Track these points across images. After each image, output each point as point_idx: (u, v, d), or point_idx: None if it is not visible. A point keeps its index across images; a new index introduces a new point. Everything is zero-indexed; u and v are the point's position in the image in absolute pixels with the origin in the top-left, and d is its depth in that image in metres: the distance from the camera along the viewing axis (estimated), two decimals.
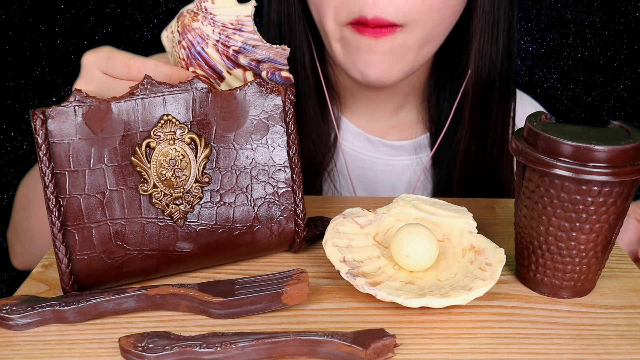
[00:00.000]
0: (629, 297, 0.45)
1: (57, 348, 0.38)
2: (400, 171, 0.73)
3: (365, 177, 0.73)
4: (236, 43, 0.46)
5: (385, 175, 0.73)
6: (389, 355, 0.38)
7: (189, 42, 0.46)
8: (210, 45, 0.46)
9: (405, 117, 0.73)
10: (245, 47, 0.46)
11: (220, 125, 0.45)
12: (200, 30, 0.46)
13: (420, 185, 0.73)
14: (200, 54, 0.46)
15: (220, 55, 0.46)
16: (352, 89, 0.71)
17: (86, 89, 0.46)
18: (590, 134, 0.42)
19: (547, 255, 0.44)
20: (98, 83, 0.47)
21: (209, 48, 0.46)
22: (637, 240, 0.61)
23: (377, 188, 0.74)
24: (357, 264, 0.45)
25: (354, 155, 0.73)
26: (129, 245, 0.43)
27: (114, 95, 0.44)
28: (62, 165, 0.41)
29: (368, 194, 0.74)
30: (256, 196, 0.47)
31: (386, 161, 0.73)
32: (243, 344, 0.37)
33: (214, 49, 0.46)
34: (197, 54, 0.46)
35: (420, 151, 0.73)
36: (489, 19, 0.64)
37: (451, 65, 0.70)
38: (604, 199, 0.41)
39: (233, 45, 0.46)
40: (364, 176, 0.73)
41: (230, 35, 0.46)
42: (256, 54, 0.46)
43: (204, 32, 0.46)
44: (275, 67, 0.46)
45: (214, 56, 0.46)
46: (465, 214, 0.49)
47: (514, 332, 0.41)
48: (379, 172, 0.73)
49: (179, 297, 0.42)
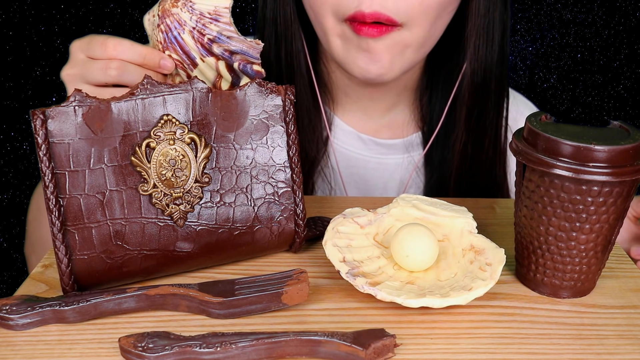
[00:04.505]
0: (629, 297, 0.45)
1: (57, 348, 0.38)
2: (392, 169, 0.74)
3: (357, 175, 0.74)
4: (211, 32, 0.47)
5: (377, 173, 0.74)
6: (389, 355, 0.38)
7: (167, 26, 0.47)
8: (186, 31, 0.47)
9: (397, 116, 0.74)
10: (220, 37, 0.47)
11: (220, 125, 0.45)
12: (178, 16, 0.47)
13: (412, 183, 0.74)
14: (176, 38, 0.47)
15: (195, 42, 0.47)
16: (345, 87, 0.72)
17: (71, 73, 0.49)
18: (590, 134, 0.42)
19: (547, 255, 0.44)
20: (80, 65, 0.49)
21: (185, 34, 0.47)
22: (629, 238, 0.62)
23: (369, 186, 0.74)
24: (357, 264, 0.45)
25: (345, 154, 0.74)
26: (129, 245, 0.43)
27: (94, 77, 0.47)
28: (62, 165, 0.41)
29: (360, 192, 0.74)
30: (256, 196, 0.47)
31: (378, 159, 0.74)
32: (243, 344, 0.37)
33: (190, 35, 0.47)
34: (173, 38, 0.47)
35: (412, 150, 0.74)
36: (484, 22, 0.64)
37: (443, 65, 0.71)
38: (604, 199, 0.41)
39: (208, 34, 0.47)
40: (356, 174, 0.74)
41: (207, 24, 0.47)
42: (230, 44, 0.47)
43: (182, 18, 0.47)
44: (248, 59, 0.47)
45: (189, 42, 0.47)
46: (465, 214, 0.49)
47: (514, 332, 0.41)
48: (371, 171, 0.74)
49: (179, 297, 0.42)
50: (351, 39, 0.60)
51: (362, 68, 0.61)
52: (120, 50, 0.47)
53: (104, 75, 0.47)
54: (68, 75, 0.50)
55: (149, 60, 0.47)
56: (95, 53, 0.48)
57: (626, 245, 0.60)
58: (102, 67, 0.47)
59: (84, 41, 0.49)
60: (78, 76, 0.49)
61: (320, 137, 0.72)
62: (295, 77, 0.68)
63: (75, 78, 0.49)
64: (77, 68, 0.49)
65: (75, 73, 0.49)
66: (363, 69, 0.61)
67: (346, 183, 0.73)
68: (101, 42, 0.48)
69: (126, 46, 0.47)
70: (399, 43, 0.60)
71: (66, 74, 0.50)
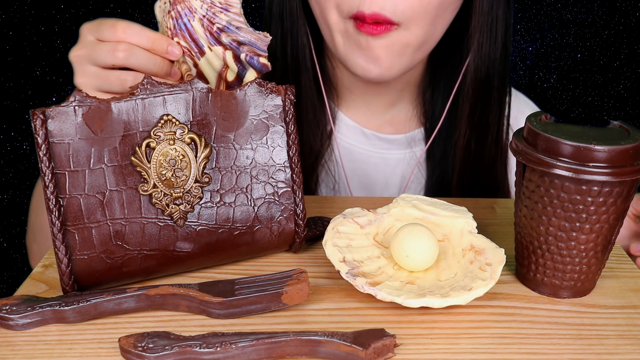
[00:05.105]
0: (629, 297, 0.45)
1: (57, 348, 0.38)
2: (394, 164, 0.75)
3: (360, 170, 0.75)
4: (221, 21, 0.47)
5: (379, 168, 0.75)
6: (389, 355, 0.38)
7: (177, 12, 0.48)
8: (196, 19, 0.48)
9: (399, 112, 0.75)
10: (229, 26, 0.48)
11: (220, 125, 0.45)
12: (189, 4, 0.47)
13: (414, 178, 0.75)
14: (186, 25, 0.48)
15: (205, 30, 0.48)
16: (348, 83, 0.73)
17: (79, 54, 0.49)
18: (590, 134, 0.42)
19: (547, 255, 0.44)
20: (88, 47, 0.49)
21: (195, 21, 0.48)
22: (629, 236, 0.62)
23: (371, 181, 0.75)
24: (357, 264, 0.45)
25: (348, 149, 0.75)
26: (129, 245, 0.43)
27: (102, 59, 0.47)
28: (62, 165, 0.41)
29: (362, 186, 0.75)
30: (256, 196, 0.47)
31: (380, 155, 0.75)
32: (243, 344, 0.37)
33: (200, 23, 0.48)
34: (183, 25, 0.48)
35: (414, 145, 0.75)
36: (487, 19, 0.65)
37: (446, 61, 0.71)
38: (604, 199, 0.41)
39: (218, 23, 0.47)
40: (359, 169, 0.75)
41: (217, 13, 0.47)
42: (238, 35, 0.48)
43: (193, 6, 0.47)
44: (255, 51, 0.48)
45: (198, 30, 0.48)
46: (465, 214, 0.49)
47: (514, 332, 0.41)
48: (373, 166, 0.75)
49: (179, 297, 0.42)
50: (352, 36, 0.61)
51: (362, 67, 0.62)
52: (130, 33, 0.48)
53: (111, 57, 0.48)
54: (76, 56, 0.50)
55: (157, 45, 0.48)
56: (104, 35, 0.48)
57: (626, 243, 0.60)
58: (110, 49, 0.48)
59: (94, 23, 0.50)
60: (86, 57, 0.49)
61: (325, 131, 0.73)
62: (301, 71, 0.69)
63: (83, 59, 0.49)
64: (85, 49, 0.49)
65: (83, 54, 0.49)
66: (364, 69, 0.62)
67: (349, 177, 0.74)
68: (111, 24, 0.48)
69: (135, 30, 0.48)
70: (398, 42, 0.61)
71: (74, 55, 0.50)
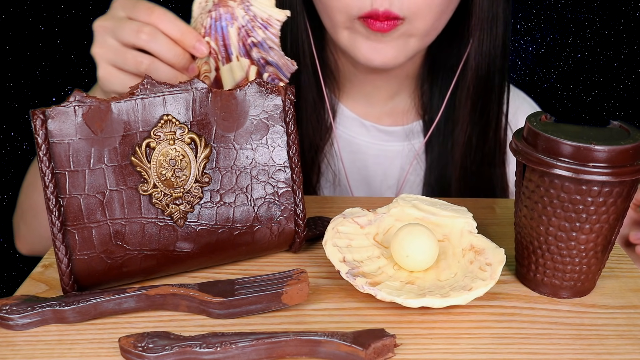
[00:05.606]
0: (629, 297, 0.45)
1: (57, 348, 0.38)
2: (392, 156, 0.75)
3: (360, 161, 0.76)
4: (257, 36, 0.48)
5: (378, 160, 0.76)
6: (389, 355, 0.38)
7: (218, 14, 0.48)
8: (235, 26, 0.48)
9: (398, 104, 0.76)
10: (263, 43, 0.48)
11: (220, 125, 0.45)
12: (233, 10, 0.48)
13: (412, 171, 0.76)
14: (222, 29, 0.48)
15: (239, 39, 0.49)
16: (349, 74, 0.74)
17: (104, 24, 0.50)
18: (590, 134, 0.42)
19: (547, 255, 0.44)
20: (115, 20, 0.50)
21: (233, 28, 0.48)
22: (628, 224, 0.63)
23: (370, 172, 0.76)
24: (357, 264, 0.45)
25: (348, 140, 0.75)
26: (129, 245, 0.43)
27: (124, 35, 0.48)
28: (62, 165, 0.41)
29: (362, 178, 0.76)
30: (256, 196, 0.47)
31: (379, 146, 0.75)
32: (243, 344, 0.37)
33: (237, 31, 0.48)
34: (220, 28, 0.48)
35: (412, 137, 0.75)
36: (488, 16, 0.67)
37: (443, 54, 0.72)
38: (604, 199, 0.41)
39: (254, 37, 0.48)
40: (358, 160, 0.76)
41: (256, 28, 0.48)
42: (269, 54, 0.49)
43: (236, 14, 0.48)
44: (278, 75, 0.49)
45: (233, 37, 0.49)
46: (465, 214, 0.49)
47: (514, 332, 0.41)
48: (372, 157, 0.76)
49: (179, 297, 0.42)
50: (360, 32, 0.62)
51: (366, 56, 0.63)
52: (163, 19, 0.48)
53: (134, 36, 0.48)
54: (100, 26, 0.50)
55: (185, 38, 0.48)
56: (139, 15, 0.49)
57: (625, 231, 0.61)
58: (135, 28, 0.48)
59: (130, 1, 0.50)
60: (109, 29, 0.50)
61: (325, 123, 0.74)
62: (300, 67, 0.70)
63: (107, 31, 0.50)
64: (111, 22, 0.50)
65: (108, 26, 0.50)
66: (368, 58, 0.63)
67: (348, 169, 0.75)
68: (148, 6, 0.49)
69: (169, 18, 0.48)
70: (404, 33, 0.62)
71: (99, 24, 0.50)
